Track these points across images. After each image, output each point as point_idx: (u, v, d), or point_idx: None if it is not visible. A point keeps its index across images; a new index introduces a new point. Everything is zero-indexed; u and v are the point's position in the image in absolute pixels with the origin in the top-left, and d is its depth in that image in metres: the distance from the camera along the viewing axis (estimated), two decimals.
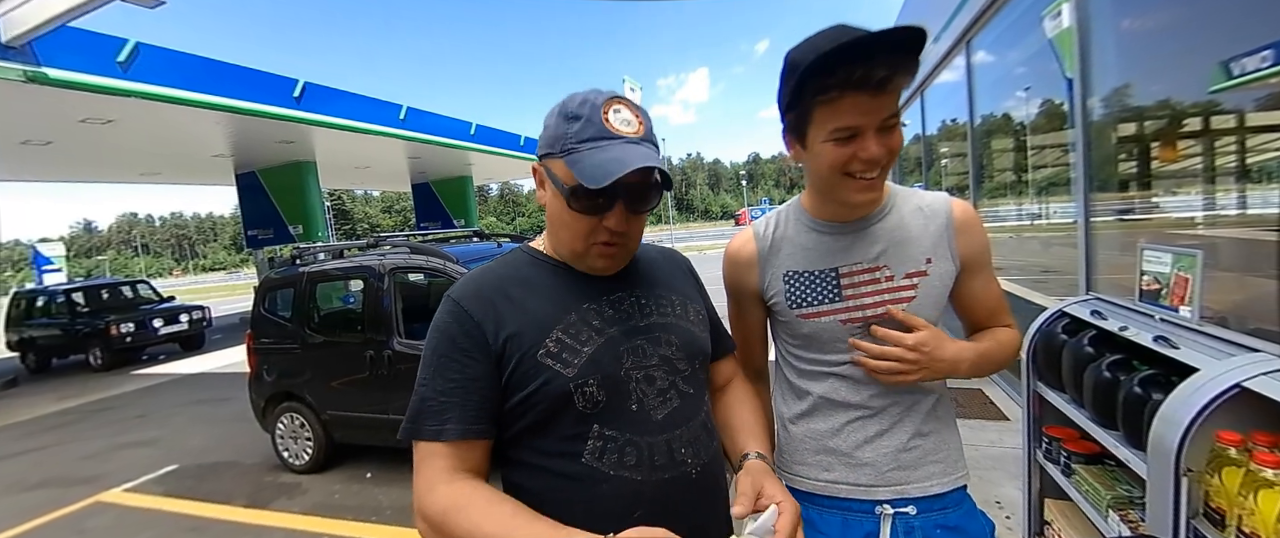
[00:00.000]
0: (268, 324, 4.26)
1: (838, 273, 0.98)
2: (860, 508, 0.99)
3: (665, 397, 0.83)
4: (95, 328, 9.52)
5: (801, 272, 1.00)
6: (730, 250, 1.10)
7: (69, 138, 8.77)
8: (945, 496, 0.99)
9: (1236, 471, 0.96)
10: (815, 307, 0.99)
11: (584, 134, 0.77)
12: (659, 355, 0.85)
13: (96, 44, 6.52)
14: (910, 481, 0.98)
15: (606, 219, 0.80)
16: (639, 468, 0.79)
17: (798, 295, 1.00)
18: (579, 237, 0.82)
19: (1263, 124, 1.88)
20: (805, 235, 1.02)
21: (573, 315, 0.82)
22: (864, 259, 0.97)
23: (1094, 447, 1.49)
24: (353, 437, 3.97)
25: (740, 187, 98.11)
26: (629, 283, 0.89)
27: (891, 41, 0.75)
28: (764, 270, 1.04)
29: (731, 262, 1.09)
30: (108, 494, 4.13)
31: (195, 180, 15.91)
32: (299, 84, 9.02)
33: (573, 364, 0.79)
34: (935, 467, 1.00)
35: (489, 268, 0.89)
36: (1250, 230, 2.00)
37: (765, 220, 1.08)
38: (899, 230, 0.98)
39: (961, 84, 4.63)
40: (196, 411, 6.33)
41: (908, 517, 0.97)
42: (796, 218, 1.04)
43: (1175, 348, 1.22)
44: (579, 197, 0.79)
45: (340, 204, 79.05)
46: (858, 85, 0.79)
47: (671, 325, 0.89)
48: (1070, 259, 2.90)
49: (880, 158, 0.84)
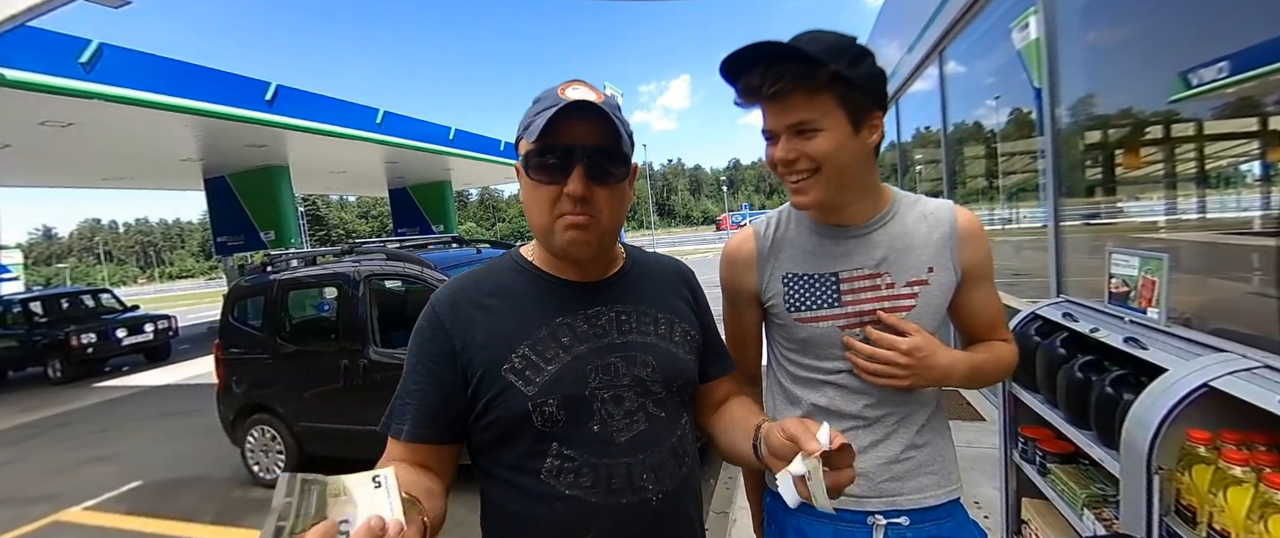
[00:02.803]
0: (237, 334, 4.13)
1: (838, 277, 0.96)
2: (852, 518, 0.97)
3: (633, 418, 0.81)
4: (54, 339, 9.13)
5: (801, 274, 0.98)
6: (728, 249, 1.07)
7: (28, 141, 8.45)
8: (939, 507, 0.98)
9: (1206, 469, 0.99)
10: (814, 311, 0.97)
11: (541, 106, 0.77)
12: (632, 375, 0.82)
13: (57, 44, 6.30)
14: (903, 492, 0.97)
15: (567, 186, 0.75)
16: (594, 490, 0.77)
17: (796, 299, 0.98)
18: (543, 210, 0.78)
19: (1220, 132, 1.96)
20: (806, 238, 1.00)
21: (543, 331, 0.80)
22: (866, 265, 0.96)
23: (1069, 446, 1.52)
24: (327, 449, 3.86)
25: (721, 192, 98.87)
26: (612, 298, 0.86)
27: (750, 57, 0.83)
28: (763, 271, 1.02)
29: (729, 261, 1.06)
30: (67, 513, 3.95)
31: (162, 185, 15.45)
32: (271, 87, 8.83)
33: (534, 382, 0.77)
34: (929, 479, 0.98)
35: (473, 274, 0.88)
36: (1211, 233, 2.07)
37: (765, 220, 1.06)
38: (902, 237, 0.96)
39: (935, 93, 4.73)
40: (162, 424, 6.10)
41: (900, 527, 0.96)
42: (798, 220, 1.02)
43: (1144, 349, 1.25)
44: (532, 160, 0.77)
45: (314, 210, 77.51)
46: (751, 94, 0.87)
47: (651, 346, 0.85)
48: (1041, 263, 2.97)
49: (790, 160, 0.88)
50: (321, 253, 4.20)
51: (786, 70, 0.82)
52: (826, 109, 0.84)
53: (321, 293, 4.47)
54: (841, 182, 0.89)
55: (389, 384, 0.81)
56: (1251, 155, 1.89)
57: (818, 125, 0.85)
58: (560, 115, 0.73)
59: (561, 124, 0.74)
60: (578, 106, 0.74)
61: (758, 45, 0.82)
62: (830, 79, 0.82)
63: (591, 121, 0.76)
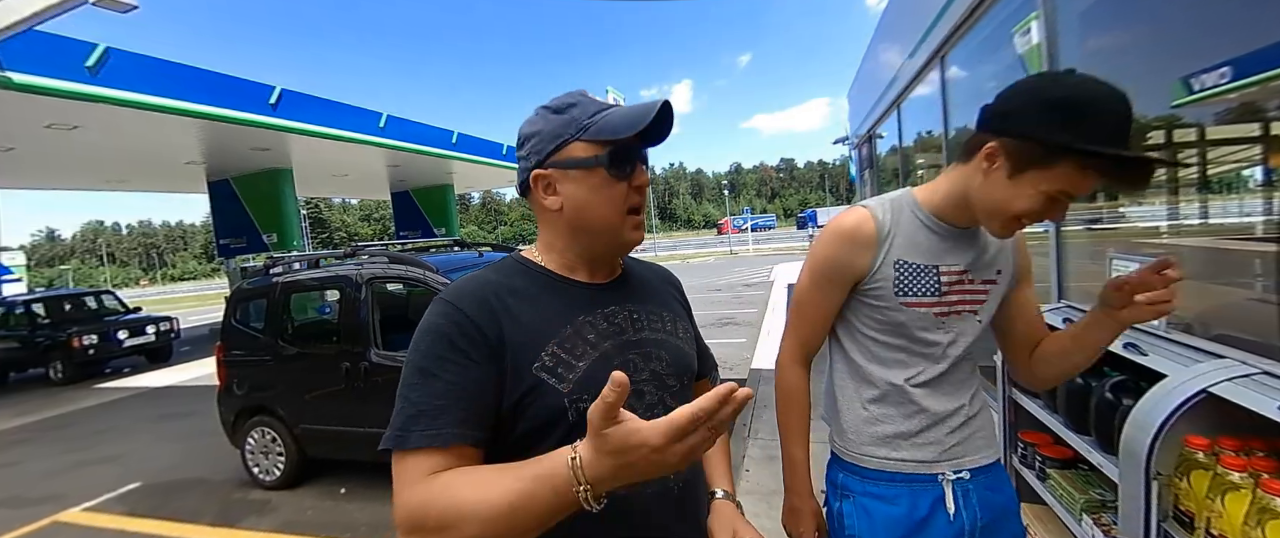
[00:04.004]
0: (239, 336, 4.14)
1: (938, 270, 1.06)
2: (924, 480, 1.09)
3: (653, 412, 0.83)
4: (56, 340, 9.13)
5: (910, 263, 1.06)
6: (846, 227, 1.08)
7: (33, 144, 8.50)
8: (990, 466, 1.12)
9: (1205, 474, 0.99)
10: (917, 297, 1.06)
11: (589, 110, 0.81)
12: (650, 370, 0.85)
13: (64, 48, 6.35)
14: (966, 454, 1.09)
15: (635, 178, 0.82)
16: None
17: (905, 284, 1.06)
18: (616, 206, 0.82)
19: (1222, 137, 1.96)
20: (919, 232, 1.07)
21: (568, 329, 0.81)
22: (960, 262, 1.07)
23: (1068, 452, 1.52)
24: (327, 451, 3.86)
25: (723, 196, 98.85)
26: (622, 296, 0.89)
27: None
28: (879, 255, 1.06)
29: (846, 238, 1.07)
30: (66, 514, 3.95)
31: (165, 188, 15.51)
32: (275, 91, 8.88)
33: (568, 379, 0.78)
34: (981, 440, 1.11)
35: (482, 275, 0.86)
36: (1212, 239, 2.07)
37: (880, 206, 1.09)
38: (983, 241, 1.09)
39: (936, 98, 4.74)
40: (162, 426, 6.11)
41: (964, 481, 1.09)
42: (911, 210, 1.08)
43: (1144, 355, 1.25)
44: (618, 156, 0.81)
45: (317, 212, 77.74)
46: (1123, 173, 0.87)
47: (663, 341, 0.89)
48: (1042, 268, 2.96)
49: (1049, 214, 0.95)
50: (324, 255, 4.21)
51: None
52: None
53: (323, 295, 4.48)
54: None
55: (390, 387, 0.79)
56: (1254, 161, 1.89)
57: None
58: (657, 116, 0.78)
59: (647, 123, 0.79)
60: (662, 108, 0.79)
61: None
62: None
63: (659, 122, 0.81)
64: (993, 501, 1.10)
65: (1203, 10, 1.95)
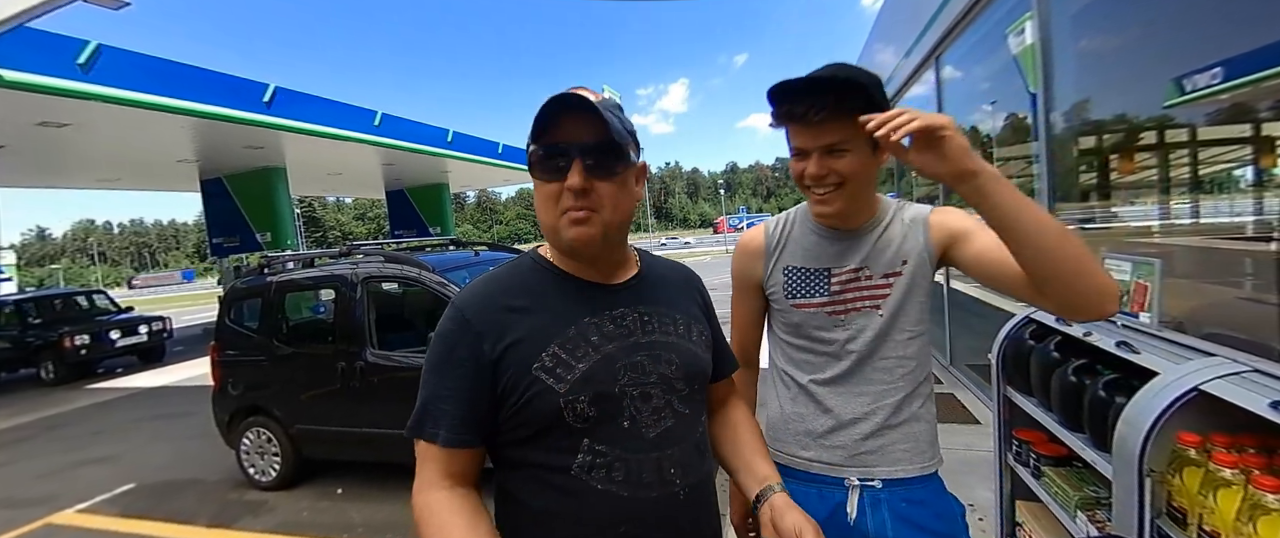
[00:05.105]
0: (233, 335, 4.12)
1: (829, 272, 1.11)
2: (831, 482, 1.12)
3: (660, 415, 0.84)
4: (47, 340, 9.05)
5: (799, 268, 1.14)
6: (742, 241, 1.24)
7: (25, 142, 8.41)
8: (914, 480, 1.10)
9: (1197, 471, 1.00)
10: (806, 298, 1.12)
11: (546, 113, 0.79)
12: (658, 373, 0.85)
13: (56, 45, 6.28)
14: (878, 464, 1.10)
15: (567, 181, 0.78)
16: (626, 484, 0.80)
17: (793, 287, 1.14)
18: (549, 207, 0.82)
19: (1213, 138, 1.98)
20: (808, 237, 1.15)
21: (572, 330, 0.82)
22: (852, 262, 1.10)
23: (1062, 449, 1.53)
24: (323, 452, 3.82)
25: (718, 195, 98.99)
26: (633, 299, 0.89)
27: (794, 89, 0.96)
28: (768, 262, 1.18)
29: (742, 251, 1.23)
30: (60, 516, 3.92)
31: (158, 187, 15.39)
32: (269, 88, 8.81)
33: (565, 380, 0.79)
34: (903, 452, 1.10)
35: (494, 275, 0.89)
36: (1203, 238, 2.09)
37: (777, 220, 1.21)
38: (883, 239, 1.10)
39: (931, 97, 4.76)
40: (156, 426, 6.06)
41: (874, 490, 1.09)
42: (802, 221, 1.17)
43: (1136, 353, 1.26)
44: (535, 159, 0.81)
45: (311, 211, 77.34)
46: (790, 118, 1.00)
47: (674, 344, 0.89)
48: None
49: (822, 175, 1.00)
50: (319, 255, 4.19)
51: (829, 98, 0.94)
52: (855, 133, 0.93)
53: (318, 295, 4.46)
54: (857, 194, 1.04)
55: (386, 387, 0.81)
56: (1244, 161, 1.91)
57: (847, 146, 0.98)
58: (555, 117, 0.78)
59: (559, 124, 0.79)
60: (570, 104, 0.77)
61: (810, 78, 0.96)
62: (863, 107, 0.91)
63: (586, 119, 0.78)
64: (911, 515, 1.07)
65: (1196, 12, 1.97)
